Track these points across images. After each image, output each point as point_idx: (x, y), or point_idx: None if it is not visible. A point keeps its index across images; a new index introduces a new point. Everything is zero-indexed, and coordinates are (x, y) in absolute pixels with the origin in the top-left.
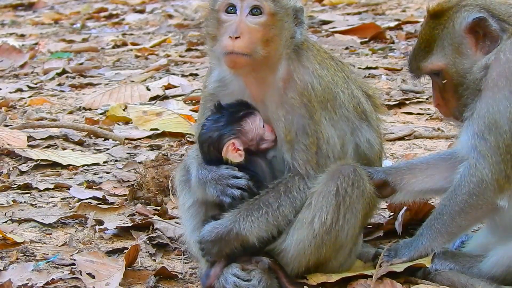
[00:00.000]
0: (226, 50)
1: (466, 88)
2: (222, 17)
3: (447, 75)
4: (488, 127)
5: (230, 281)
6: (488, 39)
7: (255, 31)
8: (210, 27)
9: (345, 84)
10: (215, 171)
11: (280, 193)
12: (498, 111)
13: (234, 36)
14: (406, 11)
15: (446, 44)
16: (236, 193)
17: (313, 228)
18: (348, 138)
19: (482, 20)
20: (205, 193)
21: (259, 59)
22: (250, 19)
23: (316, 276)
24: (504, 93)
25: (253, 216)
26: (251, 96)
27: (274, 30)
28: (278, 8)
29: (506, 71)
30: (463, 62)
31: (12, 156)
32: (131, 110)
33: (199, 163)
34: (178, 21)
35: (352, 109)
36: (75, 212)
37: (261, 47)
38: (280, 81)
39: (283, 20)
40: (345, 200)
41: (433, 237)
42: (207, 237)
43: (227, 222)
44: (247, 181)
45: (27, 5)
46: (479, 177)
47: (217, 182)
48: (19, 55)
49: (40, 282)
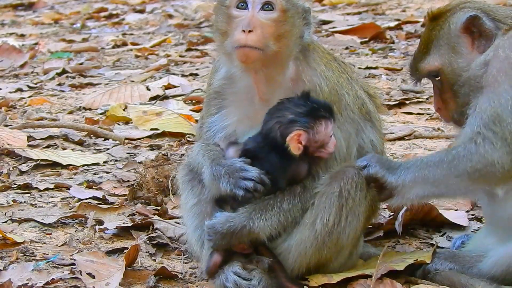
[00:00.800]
0: (239, 43)
1: (462, 86)
2: (233, 12)
3: (443, 74)
4: (492, 120)
5: (231, 279)
6: (483, 37)
7: (267, 26)
8: (220, 23)
9: (349, 85)
10: (229, 165)
11: (294, 194)
12: (500, 105)
13: (247, 29)
14: (406, 11)
15: (442, 44)
16: (249, 185)
17: (314, 229)
18: (353, 139)
19: (476, 19)
20: (219, 188)
21: (270, 54)
22: (262, 15)
23: (317, 277)
24: (504, 87)
25: (267, 215)
26: (258, 94)
27: (286, 27)
28: (290, 6)
29: (506, 67)
30: (459, 61)
31: (12, 156)
32: (131, 110)
33: (212, 159)
34: (178, 21)
35: (357, 110)
36: (75, 212)
37: (273, 42)
38: (289, 80)
39: (294, 17)
40: (348, 202)
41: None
42: (218, 228)
43: (242, 219)
44: (260, 174)
45: (27, 5)
46: (488, 160)
47: (230, 176)
48: (19, 55)
49: (40, 282)
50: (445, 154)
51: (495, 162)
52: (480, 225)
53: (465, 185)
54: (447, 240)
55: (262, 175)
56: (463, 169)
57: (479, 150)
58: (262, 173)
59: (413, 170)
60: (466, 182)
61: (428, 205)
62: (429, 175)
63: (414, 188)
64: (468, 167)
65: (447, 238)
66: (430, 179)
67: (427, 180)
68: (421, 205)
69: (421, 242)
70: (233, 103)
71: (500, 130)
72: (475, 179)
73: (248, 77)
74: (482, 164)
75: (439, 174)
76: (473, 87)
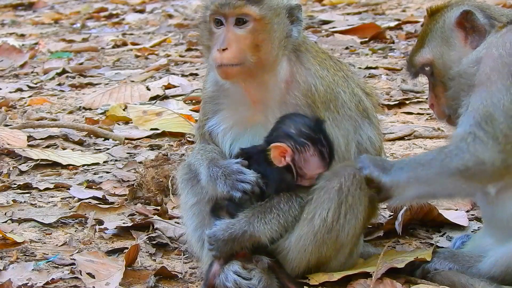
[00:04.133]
0: (216, 62)
1: (453, 80)
2: (212, 29)
3: (435, 67)
4: (484, 119)
5: (231, 278)
6: (476, 33)
7: (242, 39)
8: (204, 38)
9: (345, 83)
10: (226, 167)
11: (291, 195)
12: (492, 104)
13: (221, 48)
14: (406, 11)
15: (435, 37)
16: (247, 187)
17: (313, 225)
18: (352, 137)
19: (469, 14)
20: (215, 189)
21: (251, 65)
22: (237, 30)
23: (318, 276)
24: (497, 86)
25: (266, 218)
26: (249, 98)
27: (263, 35)
28: (265, 11)
29: (499, 66)
30: (450, 54)
31: (12, 156)
32: (131, 110)
33: (210, 160)
34: (178, 21)
35: (354, 107)
36: (75, 212)
37: (251, 54)
38: (282, 83)
39: (272, 22)
40: (348, 199)
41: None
42: (219, 236)
43: (242, 224)
44: (256, 177)
45: (27, 4)
46: (479, 158)
47: (227, 178)
48: (19, 55)
49: (40, 282)
50: (437, 153)
51: (486, 161)
52: (480, 225)
53: (458, 184)
54: (447, 240)
55: (258, 179)
56: (455, 168)
57: (470, 149)
58: (258, 177)
59: (407, 170)
60: (458, 180)
61: (428, 205)
62: (421, 174)
63: (409, 188)
64: (460, 165)
65: (447, 238)
66: (423, 179)
67: (421, 180)
68: (421, 205)
69: (421, 242)
70: (228, 107)
71: (492, 130)
72: (467, 178)
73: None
74: (473, 162)
75: (432, 173)
76: (465, 84)
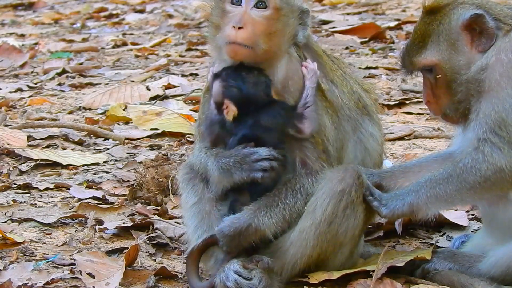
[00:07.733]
0: (229, 39)
1: (461, 85)
2: (227, 7)
3: (441, 71)
4: (497, 124)
5: (231, 278)
6: (484, 36)
7: (258, 23)
8: (214, 16)
9: (343, 82)
10: (235, 154)
11: (296, 190)
12: (504, 109)
13: (238, 26)
14: (406, 11)
15: (441, 40)
16: (266, 164)
17: (315, 217)
18: (350, 137)
19: (480, 17)
20: (232, 179)
21: (260, 52)
22: (255, 12)
23: (317, 274)
24: (507, 91)
25: (272, 212)
26: None
27: (278, 25)
28: (284, 4)
29: (509, 71)
30: (459, 59)
31: (12, 156)
32: (131, 110)
33: (215, 154)
34: (178, 21)
35: (353, 105)
36: (75, 212)
37: (263, 40)
38: (280, 81)
39: (288, 16)
40: (350, 194)
41: (431, 200)
42: (226, 232)
43: (247, 217)
44: (269, 150)
45: (27, 4)
46: (497, 166)
47: (242, 163)
48: (19, 55)
49: (40, 282)
50: (453, 169)
51: (504, 167)
52: (480, 225)
53: (479, 195)
54: (447, 240)
55: (271, 151)
56: (474, 181)
57: (487, 158)
58: (270, 149)
59: (424, 191)
60: (479, 192)
61: None
62: (441, 193)
63: (429, 208)
64: (478, 178)
65: (447, 238)
66: (443, 197)
67: (441, 198)
68: None
69: (421, 242)
70: None
71: (506, 135)
72: (488, 188)
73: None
74: (492, 171)
75: (451, 190)
76: (474, 90)
